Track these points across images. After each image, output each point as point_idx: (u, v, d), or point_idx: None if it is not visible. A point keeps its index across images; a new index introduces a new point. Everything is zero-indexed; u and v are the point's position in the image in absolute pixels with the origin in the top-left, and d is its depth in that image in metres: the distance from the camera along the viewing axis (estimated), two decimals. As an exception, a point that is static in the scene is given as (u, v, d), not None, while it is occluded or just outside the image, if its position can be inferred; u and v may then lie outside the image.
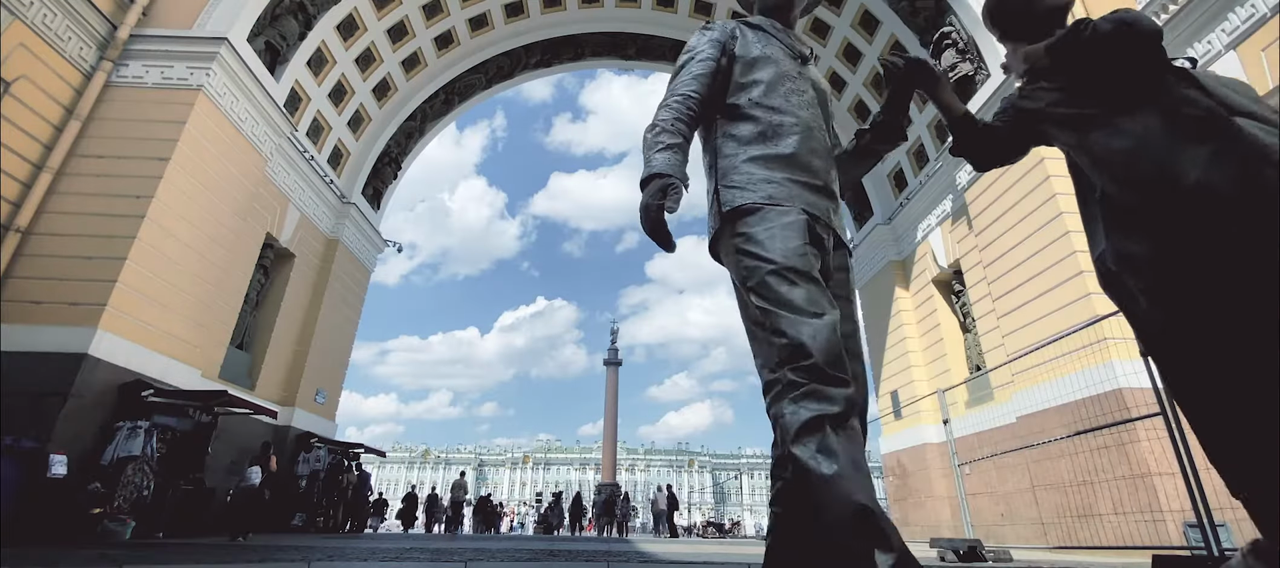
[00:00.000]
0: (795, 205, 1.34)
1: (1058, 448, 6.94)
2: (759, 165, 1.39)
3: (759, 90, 1.47)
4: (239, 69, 9.05)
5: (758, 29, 1.60)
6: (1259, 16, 6.75)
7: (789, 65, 1.54)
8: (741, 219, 1.34)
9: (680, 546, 9.25)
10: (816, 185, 1.41)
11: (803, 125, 1.45)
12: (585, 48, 14.97)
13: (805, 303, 1.22)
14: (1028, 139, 1.59)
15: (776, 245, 1.28)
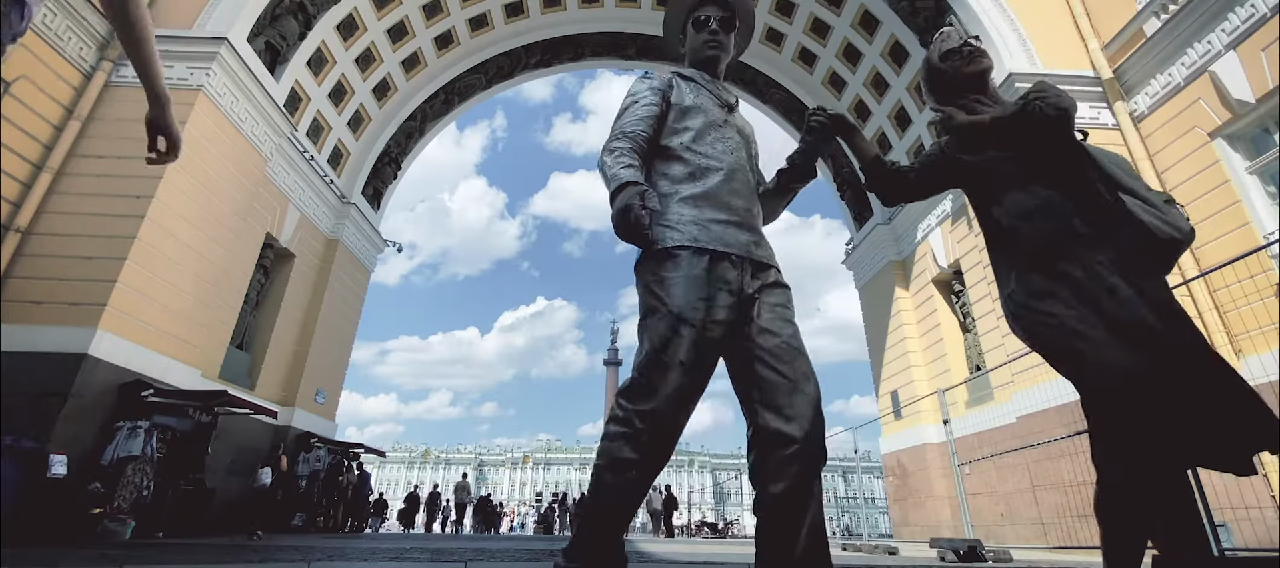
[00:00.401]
0: (714, 247, 1.48)
1: (1058, 448, 6.94)
2: (688, 206, 1.55)
3: (690, 136, 1.65)
4: (239, 69, 9.05)
5: (690, 81, 1.78)
6: (1259, 16, 6.75)
7: (717, 114, 1.73)
8: (663, 260, 1.48)
9: (679, 546, 9.24)
10: (737, 222, 1.57)
11: (727, 169, 1.63)
12: (585, 48, 14.96)
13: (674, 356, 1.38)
14: (942, 184, 1.88)
15: (680, 293, 1.42)
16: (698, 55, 1.85)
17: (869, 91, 12.89)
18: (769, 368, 1.42)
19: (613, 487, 1.35)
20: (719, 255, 1.48)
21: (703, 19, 1.85)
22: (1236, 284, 6.21)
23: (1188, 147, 7.54)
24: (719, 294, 1.44)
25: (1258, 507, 5.64)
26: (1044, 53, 9.03)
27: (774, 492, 1.32)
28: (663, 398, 1.36)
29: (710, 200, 1.56)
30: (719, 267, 1.47)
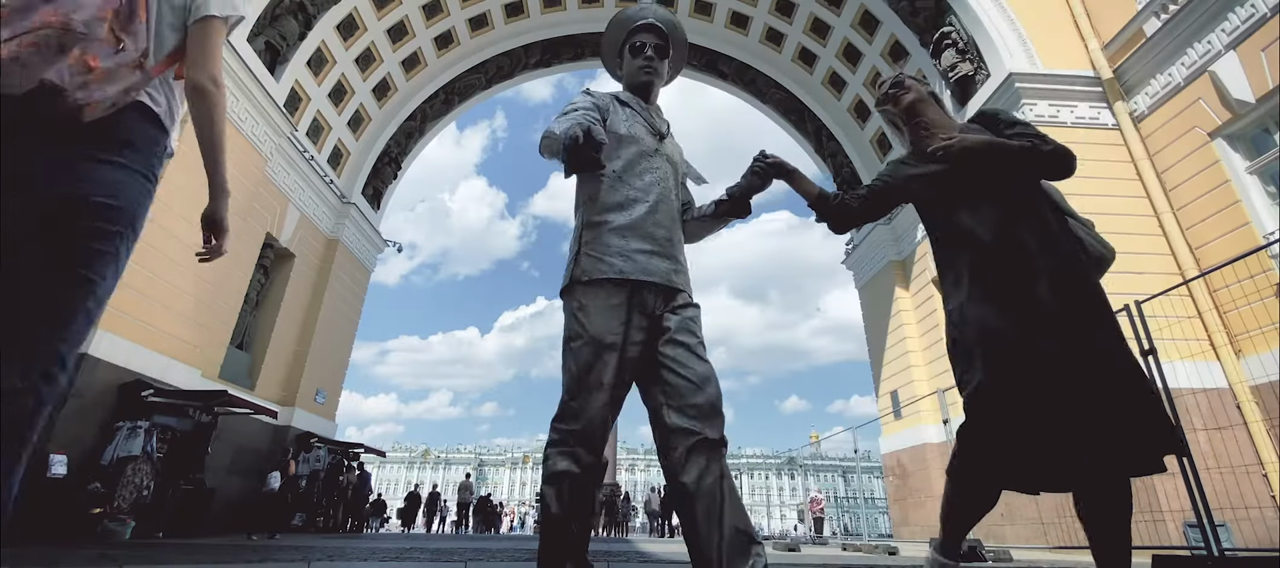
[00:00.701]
0: (637, 277, 1.59)
1: (1058, 448, 6.93)
2: (616, 235, 1.64)
3: (620, 164, 1.72)
4: (239, 69, 9.05)
5: (626, 107, 1.84)
6: (1259, 16, 6.75)
7: (649, 143, 1.79)
8: (587, 289, 1.59)
9: (678, 546, 9.25)
10: (659, 252, 1.66)
11: (653, 201, 1.70)
12: (585, 48, 14.95)
13: (596, 380, 1.50)
14: (893, 203, 2.03)
15: (598, 322, 1.54)
16: (633, 80, 1.92)
17: (869, 92, 12.88)
18: (676, 375, 1.54)
19: (565, 502, 1.47)
20: (641, 284, 1.59)
21: (639, 45, 1.91)
22: (1236, 284, 6.21)
23: (1188, 146, 7.54)
24: (636, 319, 1.57)
25: (1258, 507, 5.65)
26: (1044, 53, 9.02)
27: (686, 481, 1.44)
28: (590, 418, 1.50)
29: (635, 231, 1.65)
30: (639, 295, 1.59)
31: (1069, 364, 1.58)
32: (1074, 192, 7.85)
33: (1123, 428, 1.54)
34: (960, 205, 1.85)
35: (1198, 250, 7.35)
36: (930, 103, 2.09)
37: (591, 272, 1.60)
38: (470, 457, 77.33)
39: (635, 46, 1.92)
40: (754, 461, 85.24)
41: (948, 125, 2.01)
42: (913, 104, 2.07)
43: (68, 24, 1.22)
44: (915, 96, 2.07)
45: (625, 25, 1.96)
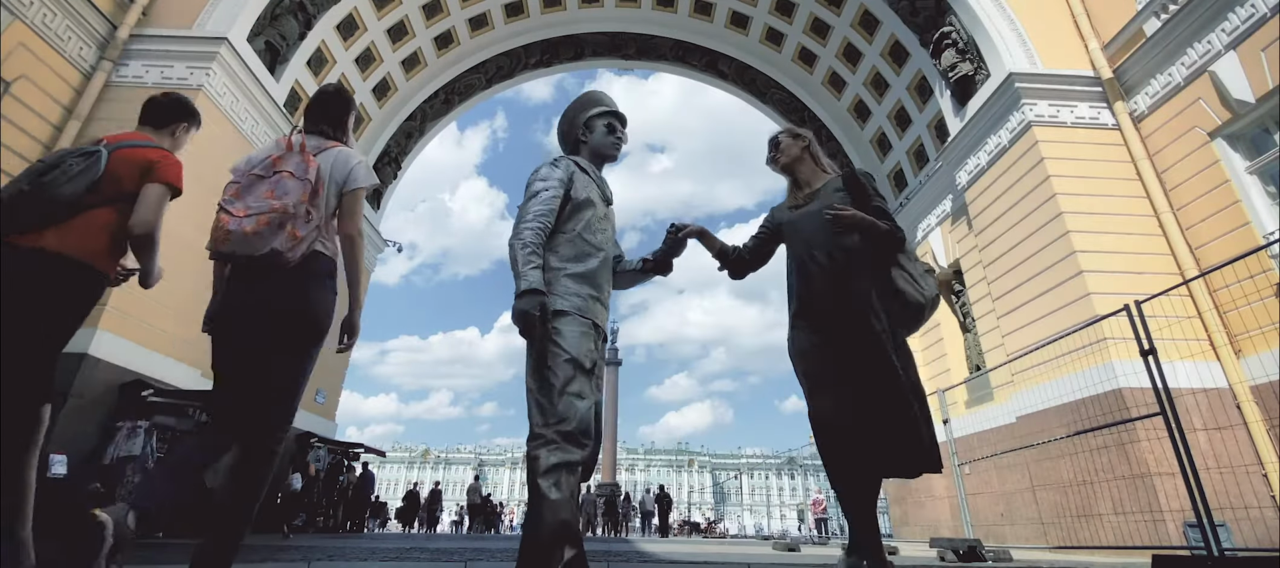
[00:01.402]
0: (588, 317, 1.93)
1: (1058, 448, 6.94)
2: (573, 282, 1.96)
3: (582, 224, 2.05)
4: (239, 69, 9.05)
5: (585, 174, 2.15)
6: (1259, 16, 6.75)
7: (602, 207, 2.14)
8: (558, 319, 1.87)
9: (679, 545, 9.25)
10: (602, 301, 2.02)
11: (603, 256, 2.06)
12: (585, 48, 14.95)
13: (581, 389, 1.80)
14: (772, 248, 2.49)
15: (574, 343, 1.84)
16: (603, 151, 2.27)
17: (869, 91, 12.88)
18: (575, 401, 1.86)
19: (565, 489, 1.68)
20: (592, 325, 1.94)
21: (612, 124, 2.28)
22: (1236, 284, 6.21)
23: (1188, 146, 7.54)
24: (596, 348, 1.93)
25: (1258, 507, 5.65)
26: (1044, 53, 9.03)
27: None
28: (580, 417, 1.76)
29: (588, 280, 1.99)
30: (592, 334, 1.93)
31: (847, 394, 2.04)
32: (1075, 192, 7.86)
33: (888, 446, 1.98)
34: (803, 251, 2.28)
35: (1198, 250, 7.35)
36: (805, 159, 2.49)
37: (559, 303, 1.89)
38: (470, 457, 77.31)
39: (611, 125, 2.27)
40: (754, 461, 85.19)
41: (818, 178, 2.44)
42: (789, 164, 2.49)
43: (285, 208, 1.99)
44: (789, 159, 2.49)
45: (599, 103, 2.29)
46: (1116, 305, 4.72)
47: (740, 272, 2.52)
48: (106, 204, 2.12)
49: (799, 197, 2.43)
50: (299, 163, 2.11)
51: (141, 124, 2.54)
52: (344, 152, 2.30)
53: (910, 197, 12.35)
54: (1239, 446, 6.15)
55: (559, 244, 2.02)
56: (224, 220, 1.99)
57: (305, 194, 2.04)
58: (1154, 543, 5.79)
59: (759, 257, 2.50)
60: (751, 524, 68.12)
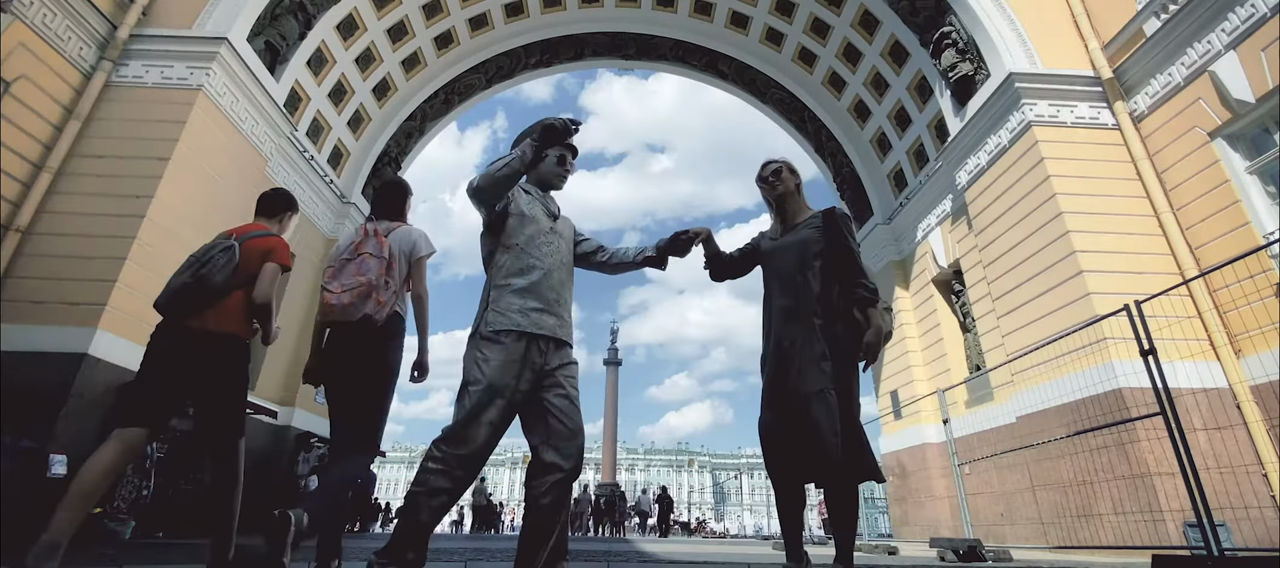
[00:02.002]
0: (530, 330, 1.99)
1: (1058, 448, 6.94)
2: (516, 296, 2.04)
3: (524, 239, 2.14)
4: (239, 69, 9.04)
5: (528, 194, 2.28)
6: (1259, 16, 6.75)
7: (546, 224, 2.24)
8: (490, 342, 1.95)
9: (679, 545, 9.25)
10: (548, 311, 2.07)
11: (547, 269, 2.13)
12: (585, 48, 14.95)
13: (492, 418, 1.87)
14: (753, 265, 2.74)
15: (495, 371, 1.90)
16: (548, 179, 2.38)
17: (869, 91, 12.88)
18: (557, 420, 1.96)
19: (429, 508, 1.79)
20: (533, 337, 1.99)
21: (563, 157, 2.38)
22: (1236, 284, 6.21)
23: (1188, 146, 7.54)
24: (526, 371, 1.95)
25: (1258, 507, 5.65)
26: (1044, 53, 9.03)
27: (544, 503, 1.88)
28: (475, 447, 1.84)
29: (531, 292, 2.05)
30: (532, 347, 1.98)
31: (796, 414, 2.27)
32: (1075, 192, 7.86)
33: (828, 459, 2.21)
34: (776, 279, 2.53)
35: (1198, 250, 7.34)
36: (795, 194, 2.70)
37: (494, 324, 1.97)
38: (470, 457, 77.17)
39: (562, 156, 2.37)
40: (754, 461, 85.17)
41: (801, 213, 2.66)
42: (782, 196, 2.69)
43: (371, 282, 2.63)
44: (785, 190, 2.69)
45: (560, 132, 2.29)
46: (1116, 305, 4.73)
47: (719, 275, 2.78)
48: (242, 286, 2.75)
49: (779, 229, 2.68)
50: (375, 244, 2.77)
51: (257, 215, 3.21)
52: (406, 229, 3.00)
53: (910, 197, 12.34)
54: (1239, 446, 6.15)
55: (503, 260, 2.11)
56: (327, 298, 2.64)
57: (382, 268, 2.69)
58: (1154, 543, 5.79)
59: (737, 267, 2.76)
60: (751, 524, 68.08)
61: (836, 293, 2.39)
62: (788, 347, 2.37)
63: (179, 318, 2.62)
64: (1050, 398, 7.13)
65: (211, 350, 2.62)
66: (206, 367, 2.60)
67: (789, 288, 2.46)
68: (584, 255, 2.43)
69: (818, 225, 2.51)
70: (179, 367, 2.56)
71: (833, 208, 2.55)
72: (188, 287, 2.62)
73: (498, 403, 1.88)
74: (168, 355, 2.57)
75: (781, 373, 2.36)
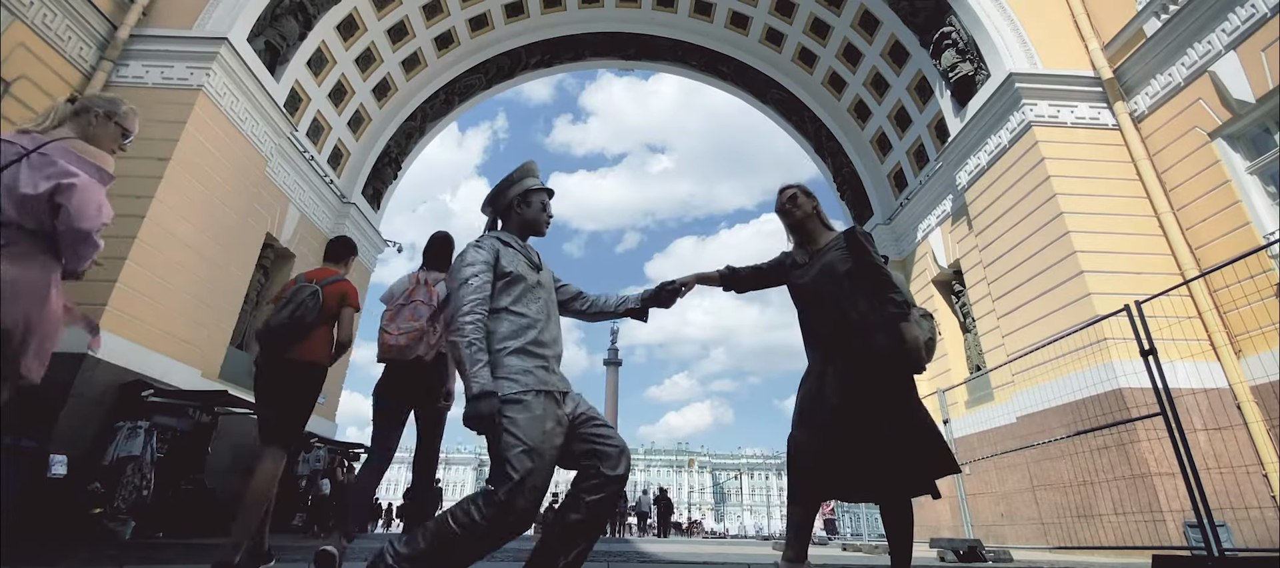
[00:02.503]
0: (542, 387, 1.97)
1: (1058, 448, 6.94)
2: (516, 357, 2.00)
3: (511, 299, 2.11)
4: (239, 69, 9.05)
5: (509, 247, 2.21)
6: (1259, 16, 6.75)
7: (532, 277, 2.19)
8: (513, 406, 1.91)
9: (679, 545, 9.25)
10: (546, 366, 2.06)
11: (540, 323, 2.12)
12: (585, 48, 14.95)
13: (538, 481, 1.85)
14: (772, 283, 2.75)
15: (529, 430, 1.88)
16: (533, 225, 2.34)
17: (869, 91, 12.88)
18: (602, 442, 2.02)
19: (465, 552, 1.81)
20: (547, 393, 1.97)
21: (545, 202, 2.37)
22: (1236, 284, 6.21)
23: (1188, 147, 7.54)
24: (554, 421, 1.95)
25: (1258, 507, 5.65)
26: (1044, 53, 9.03)
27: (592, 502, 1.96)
28: (521, 510, 1.84)
29: (530, 353, 2.03)
30: (553, 401, 1.98)
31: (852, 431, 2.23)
32: (1075, 192, 7.85)
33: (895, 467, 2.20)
34: (812, 306, 2.53)
35: (1198, 250, 7.34)
36: (814, 217, 2.69)
37: (506, 390, 1.92)
38: (470, 457, 77.28)
39: (543, 203, 2.36)
40: (754, 461, 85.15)
41: (821, 236, 2.66)
42: (801, 220, 2.68)
43: (422, 328, 3.17)
44: (803, 214, 2.68)
45: (535, 177, 2.36)
46: (1117, 305, 4.72)
47: (743, 288, 2.78)
48: (324, 323, 3.34)
49: (804, 254, 2.66)
50: (425, 293, 3.30)
51: (326, 260, 3.73)
52: None
53: (910, 197, 12.34)
54: (1239, 445, 6.15)
55: (496, 323, 2.08)
56: (386, 339, 3.20)
57: (431, 314, 3.18)
58: (1154, 543, 5.79)
59: (757, 282, 2.76)
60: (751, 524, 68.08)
61: (870, 309, 2.38)
62: (834, 371, 2.36)
63: (279, 350, 3.21)
64: (1050, 398, 7.13)
65: (302, 373, 3.25)
66: (292, 384, 3.23)
67: (826, 314, 2.45)
68: (563, 303, 2.44)
69: (841, 246, 2.52)
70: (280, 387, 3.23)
71: (853, 228, 2.56)
72: (285, 325, 3.17)
73: (541, 463, 1.87)
74: (271, 378, 3.24)
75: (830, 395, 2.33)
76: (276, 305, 3.27)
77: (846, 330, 2.38)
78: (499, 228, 2.35)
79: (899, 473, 2.20)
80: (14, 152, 2.00)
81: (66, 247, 2.06)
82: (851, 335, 2.36)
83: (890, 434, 2.19)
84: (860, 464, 2.23)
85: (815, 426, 2.34)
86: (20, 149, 2.01)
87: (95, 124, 2.32)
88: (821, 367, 2.42)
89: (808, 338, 2.56)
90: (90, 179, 2.09)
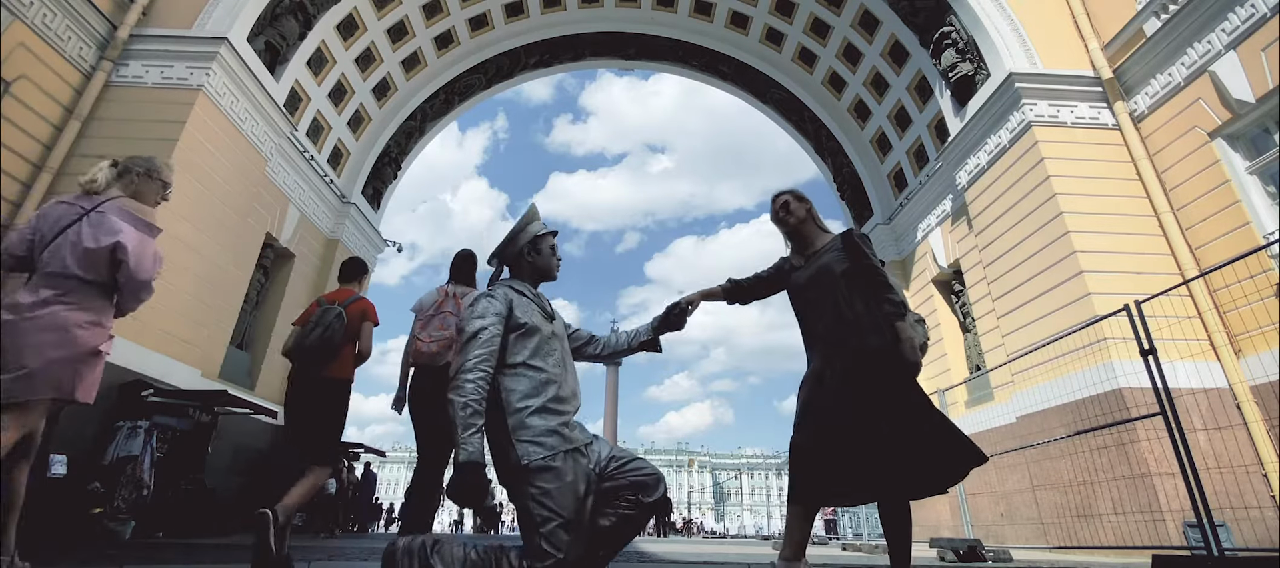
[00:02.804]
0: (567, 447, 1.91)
1: (1058, 448, 6.94)
2: (538, 417, 1.93)
3: (528, 353, 2.04)
4: (239, 69, 9.05)
5: (522, 296, 2.16)
6: (1259, 16, 6.74)
7: (546, 327, 2.13)
8: (542, 474, 1.85)
9: (678, 545, 9.25)
10: (573, 419, 2.04)
11: (559, 377, 2.06)
12: (585, 48, 14.95)
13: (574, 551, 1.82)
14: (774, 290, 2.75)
15: (563, 500, 1.83)
16: (547, 271, 2.33)
17: (869, 91, 12.88)
18: (636, 474, 2.00)
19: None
20: (574, 451, 1.93)
21: (552, 246, 2.36)
22: (1236, 284, 6.21)
23: (1188, 147, 7.54)
24: (585, 483, 1.91)
25: (1258, 507, 5.65)
26: (1044, 53, 9.03)
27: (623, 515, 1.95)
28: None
29: (552, 411, 1.97)
30: (579, 460, 1.93)
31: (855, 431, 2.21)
32: (1075, 192, 7.84)
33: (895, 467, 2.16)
34: (809, 306, 2.54)
35: (1198, 250, 7.34)
36: (809, 222, 2.70)
37: (534, 455, 1.87)
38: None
39: (552, 246, 2.36)
40: (754, 460, 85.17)
41: (818, 239, 2.66)
42: (796, 226, 2.69)
43: (451, 335, 3.47)
44: (797, 220, 2.69)
45: (540, 222, 2.36)
46: (1116, 305, 4.72)
47: (746, 300, 2.82)
48: (348, 341, 3.56)
49: (802, 258, 2.67)
50: (453, 305, 3.63)
51: (342, 280, 3.97)
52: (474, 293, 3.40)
53: (910, 197, 12.34)
54: (1239, 446, 6.15)
55: (516, 379, 2.00)
56: (419, 346, 3.55)
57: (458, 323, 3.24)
58: (1154, 543, 5.79)
59: (759, 291, 2.78)
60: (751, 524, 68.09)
61: (867, 309, 2.39)
62: (832, 372, 2.36)
63: (313, 369, 3.45)
64: (1050, 398, 7.13)
65: (335, 390, 3.51)
66: (327, 400, 3.48)
67: (823, 313, 2.46)
68: (576, 349, 2.41)
69: (838, 248, 2.53)
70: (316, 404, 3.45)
71: (850, 230, 2.57)
72: (316, 347, 3.38)
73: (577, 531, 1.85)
74: (306, 395, 3.46)
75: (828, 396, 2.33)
76: (303, 328, 3.46)
77: (843, 329, 2.38)
78: (505, 275, 2.30)
79: (900, 474, 2.18)
80: (73, 212, 2.41)
81: (127, 293, 2.47)
82: (848, 334, 2.36)
83: (889, 434, 2.17)
84: (859, 466, 2.21)
85: (814, 428, 2.34)
86: (79, 210, 2.42)
87: (138, 182, 2.64)
88: (820, 368, 2.42)
89: (807, 339, 2.58)
90: (143, 234, 2.48)
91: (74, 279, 2.35)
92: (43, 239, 2.38)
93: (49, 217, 2.42)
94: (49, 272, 2.34)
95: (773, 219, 2.80)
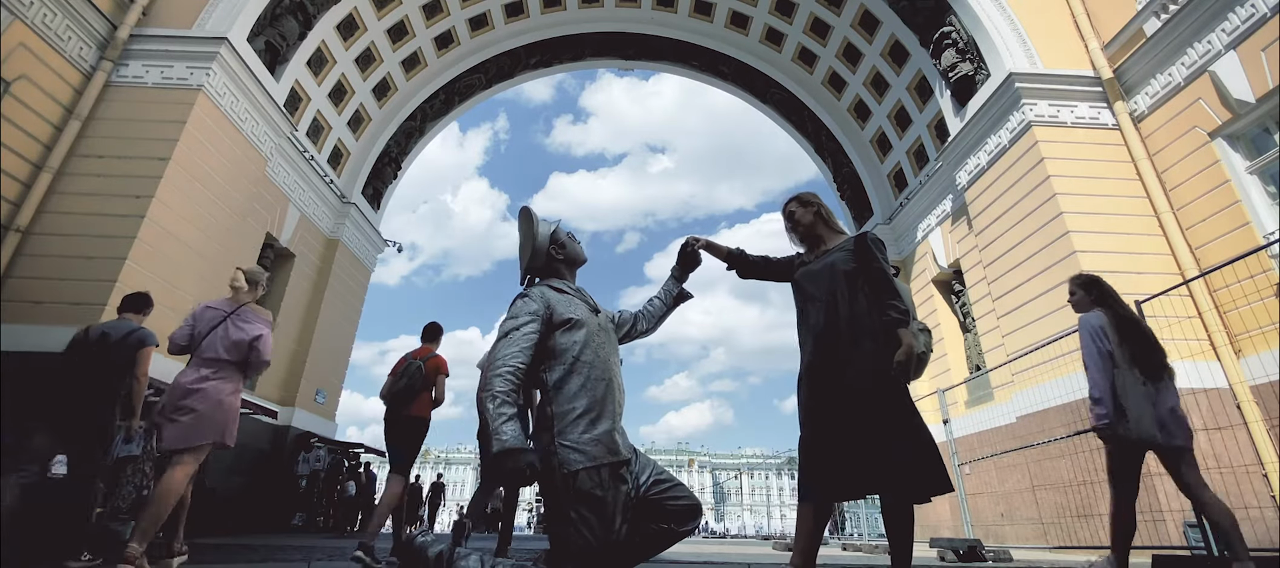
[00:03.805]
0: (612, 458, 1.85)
1: (1058, 448, 6.94)
2: (583, 423, 1.86)
3: (578, 348, 1.95)
4: (239, 69, 9.05)
5: (562, 293, 2.08)
6: (1259, 16, 6.74)
7: (593, 321, 2.05)
8: (585, 487, 1.78)
9: (679, 545, 9.23)
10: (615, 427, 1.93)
11: (609, 377, 1.98)
12: (585, 48, 14.96)
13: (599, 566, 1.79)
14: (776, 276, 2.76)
15: (606, 528, 1.78)
16: (579, 257, 2.30)
17: (869, 91, 12.89)
18: (674, 500, 1.95)
19: None
20: (616, 471, 1.85)
21: (569, 233, 2.31)
22: (1236, 284, 6.21)
23: (1188, 147, 7.54)
24: (622, 515, 1.84)
25: (1258, 507, 5.65)
26: (1044, 53, 9.03)
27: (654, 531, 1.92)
28: None
29: (601, 417, 1.89)
30: (619, 473, 1.86)
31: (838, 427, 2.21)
32: (1075, 192, 7.84)
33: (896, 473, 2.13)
34: (809, 300, 2.51)
35: (1198, 250, 7.34)
36: (819, 223, 2.68)
37: (572, 463, 1.80)
38: (470, 457, 77.26)
39: (570, 233, 2.31)
40: (754, 460, 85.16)
41: (830, 239, 2.65)
42: (806, 230, 2.68)
43: None
44: (806, 225, 2.68)
45: (544, 222, 2.28)
46: (1116, 305, 4.71)
47: (747, 273, 2.80)
48: (425, 389, 4.53)
49: (812, 256, 2.64)
50: None
51: (423, 340, 4.86)
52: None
53: (910, 197, 12.34)
54: (1239, 446, 6.15)
55: (560, 380, 1.92)
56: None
57: None
58: (1154, 543, 5.80)
59: (764, 271, 2.77)
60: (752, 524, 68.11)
61: (868, 312, 2.36)
62: (822, 367, 2.36)
63: (401, 409, 4.46)
64: (1050, 398, 7.13)
65: (416, 425, 4.50)
66: (410, 432, 4.48)
67: (821, 310, 2.44)
68: (625, 334, 2.38)
69: (849, 249, 2.50)
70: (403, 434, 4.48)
71: (865, 233, 2.54)
72: (403, 392, 4.45)
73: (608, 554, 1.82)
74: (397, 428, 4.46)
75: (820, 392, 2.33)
76: (394, 378, 4.50)
77: (836, 325, 2.37)
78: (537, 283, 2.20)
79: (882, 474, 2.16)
80: (220, 315, 3.58)
81: (254, 369, 3.71)
82: (842, 330, 2.35)
83: (871, 433, 2.16)
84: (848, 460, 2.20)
85: (810, 423, 2.36)
86: (223, 312, 3.60)
87: (257, 290, 3.88)
88: (810, 361, 2.42)
89: (801, 334, 2.56)
90: (267, 329, 3.67)
91: (223, 361, 3.50)
92: (200, 334, 3.52)
93: (203, 318, 3.56)
94: (206, 356, 3.46)
95: (786, 229, 2.80)
